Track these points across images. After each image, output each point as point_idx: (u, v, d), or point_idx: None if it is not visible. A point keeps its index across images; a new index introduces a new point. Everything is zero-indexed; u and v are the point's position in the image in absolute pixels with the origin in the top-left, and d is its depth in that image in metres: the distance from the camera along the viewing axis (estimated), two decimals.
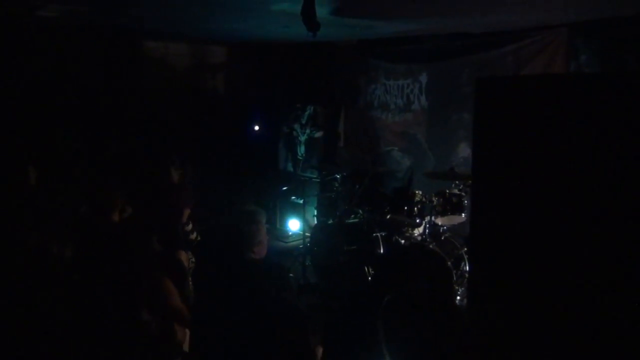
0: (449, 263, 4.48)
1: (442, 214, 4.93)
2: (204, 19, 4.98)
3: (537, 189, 1.86)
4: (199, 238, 3.75)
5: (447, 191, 4.97)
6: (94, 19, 5.09)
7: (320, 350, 2.54)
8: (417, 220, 5.03)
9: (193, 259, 3.50)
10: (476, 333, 2.02)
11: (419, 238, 5.03)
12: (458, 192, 4.94)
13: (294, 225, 6.78)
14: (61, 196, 3.71)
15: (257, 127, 7.34)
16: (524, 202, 1.90)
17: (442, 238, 5.01)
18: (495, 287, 1.99)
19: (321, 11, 4.11)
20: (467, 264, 4.59)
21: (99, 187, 3.39)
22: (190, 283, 3.31)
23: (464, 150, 5.81)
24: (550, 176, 1.82)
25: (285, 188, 6.99)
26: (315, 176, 6.80)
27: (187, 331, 2.75)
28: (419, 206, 5.04)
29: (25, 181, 3.92)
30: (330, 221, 5.79)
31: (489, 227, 2.01)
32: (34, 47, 5.64)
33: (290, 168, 7.43)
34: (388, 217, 5.15)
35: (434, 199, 4.95)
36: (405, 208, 5.03)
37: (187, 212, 3.50)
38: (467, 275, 4.45)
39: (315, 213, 6.21)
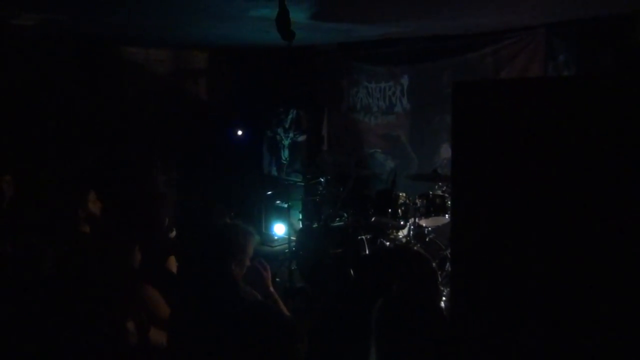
0: (433, 264, 4.49)
1: (426, 215, 4.96)
2: (183, 26, 4.97)
3: (516, 191, 1.88)
4: (182, 243, 3.73)
5: (431, 193, 5.00)
6: (73, 26, 5.04)
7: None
8: (402, 222, 5.06)
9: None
10: (459, 333, 2.03)
11: (404, 240, 5.05)
12: (441, 194, 4.97)
13: (279, 229, 6.77)
14: (40, 205, 3.68)
15: (240, 132, 7.32)
16: (504, 205, 1.92)
17: (427, 239, 5.04)
18: (476, 289, 2.00)
19: (300, 16, 4.12)
20: None
21: (70, 192, 3.37)
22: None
23: (447, 152, 5.85)
24: (529, 178, 1.84)
25: (269, 192, 6.97)
26: (299, 180, 6.80)
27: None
28: (403, 208, 5.07)
29: (1, 190, 3.88)
30: (316, 225, 5.79)
31: (470, 230, 2.02)
32: (11, 56, 5.57)
33: (274, 172, 7.42)
34: (373, 219, 5.17)
35: (417, 200, 4.98)
36: (390, 210, 5.05)
37: (166, 216, 3.48)
38: None
39: (300, 217, 6.21)
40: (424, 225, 5.03)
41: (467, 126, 2.02)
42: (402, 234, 5.12)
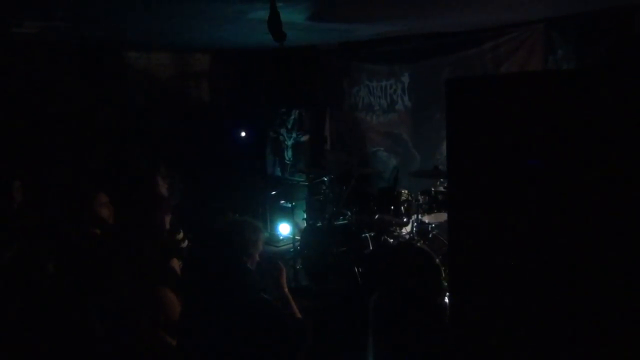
0: (437, 260, 4.52)
1: (429, 212, 4.98)
2: (184, 29, 5.00)
3: (511, 186, 1.90)
4: (190, 245, 3.76)
5: (433, 189, 5.02)
6: (74, 33, 5.09)
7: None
8: (405, 219, 5.09)
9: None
10: (458, 329, 2.06)
11: (407, 237, 5.08)
12: (443, 190, 4.99)
13: (284, 229, 6.80)
14: (48, 210, 3.72)
15: (243, 133, 7.37)
16: (499, 201, 1.94)
17: (430, 236, 5.05)
18: (474, 284, 2.03)
19: (298, 17, 4.15)
20: None
21: (79, 195, 3.41)
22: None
23: None
24: (524, 173, 1.86)
25: (274, 192, 7.02)
26: (303, 180, 6.84)
27: None
28: (406, 205, 5.09)
29: (11, 196, 3.92)
30: (320, 224, 5.82)
31: (466, 225, 2.05)
32: (15, 63, 5.63)
33: (278, 172, 7.46)
34: (376, 217, 5.20)
35: (420, 197, 5.01)
36: (392, 207, 5.08)
37: (168, 218, 3.52)
38: None
39: (305, 216, 6.24)
40: (426, 221, 5.05)
41: (461, 122, 2.05)
42: (405, 230, 5.14)
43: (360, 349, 2.36)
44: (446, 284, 4.50)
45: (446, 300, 4.20)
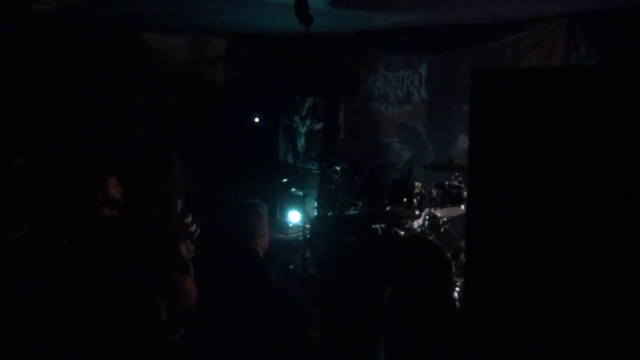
0: (448, 255, 4.48)
1: (442, 205, 4.93)
2: (201, 11, 4.97)
3: (533, 182, 1.86)
4: (198, 230, 3.76)
5: (447, 183, 4.96)
6: (90, 12, 5.07)
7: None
8: (417, 212, 5.03)
9: (193, 249, 3.50)
10: (470, 324, 2.03)
11: (419, 230, 5.03)
12: (457, 184, 4.94)
13: (294, 217, 6.79)
14: (60, 191, 3.72)
15: (257, 119, 7.34)
16: (520, 196, 1.90)
17: (442, 230, 5.00)
18: (490, 281, 1.99)
19: (318, 3, 4.10)
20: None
21: (87, 175, 3.40)
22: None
23: (464, 142, 5.80)
24: (546, 169, 1.82)
25: (285, 180, 7.00)
26: (315, 168, 6.80)
27: None
28: (419, 198, 5.04)
29: (19, 174, 3.93)
30: (330, 213, 5.79)
31: (486, 220, 2.01)
32: (29, 41, 5.63)
33: (290, 160, 7.43)
34: (387, 208, 5.15)
35: (433, 190, 4.95)
36: (405, 200, 5.03)
37: (179, 203, 3.50)
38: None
39: (315, 205, 6.22)
40: (439, 215, 5.01)
41: (485, 115, 2.00)
42: (417, 223, 5.10)
43: (369, 341, 2.35)
44: (456, 278, 4.49)
45: (455, 294, 4.21)
